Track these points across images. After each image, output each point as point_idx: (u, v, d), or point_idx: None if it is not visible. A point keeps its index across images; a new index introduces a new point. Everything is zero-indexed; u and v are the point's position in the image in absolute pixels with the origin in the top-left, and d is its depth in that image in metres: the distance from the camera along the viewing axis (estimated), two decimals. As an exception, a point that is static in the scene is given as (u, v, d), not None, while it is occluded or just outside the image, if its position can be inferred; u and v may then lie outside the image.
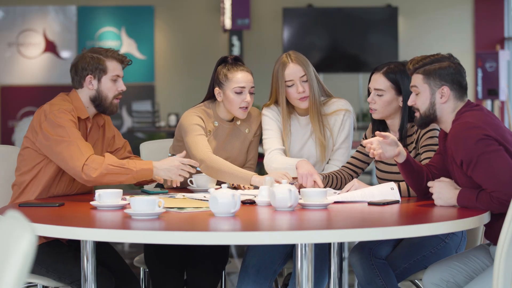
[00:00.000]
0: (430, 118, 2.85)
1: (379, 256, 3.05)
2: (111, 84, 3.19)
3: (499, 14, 9.82)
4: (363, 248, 3.05)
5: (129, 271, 3.14)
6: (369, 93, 3.24)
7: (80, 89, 3.20)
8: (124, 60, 3.24)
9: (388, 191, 2.91)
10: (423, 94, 2.84)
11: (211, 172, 3.26)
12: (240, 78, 3.39)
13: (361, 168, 3.34)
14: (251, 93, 3.43)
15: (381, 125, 3.27)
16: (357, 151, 3.36)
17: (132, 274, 3.15)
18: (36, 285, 3.07)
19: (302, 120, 3.48)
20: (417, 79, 2.86)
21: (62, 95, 3.22)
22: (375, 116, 3.21)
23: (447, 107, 2.82)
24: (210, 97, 3.50)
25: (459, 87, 2.82)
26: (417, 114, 2.89)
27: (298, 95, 3.39)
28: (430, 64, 2.83)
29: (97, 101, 3.19)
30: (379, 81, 3.17)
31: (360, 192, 2.94)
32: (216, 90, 3.44)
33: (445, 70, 2.82)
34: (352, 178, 3.31)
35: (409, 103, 2.90)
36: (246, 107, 3.41)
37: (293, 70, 3.40)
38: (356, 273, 3.07)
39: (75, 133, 3.05)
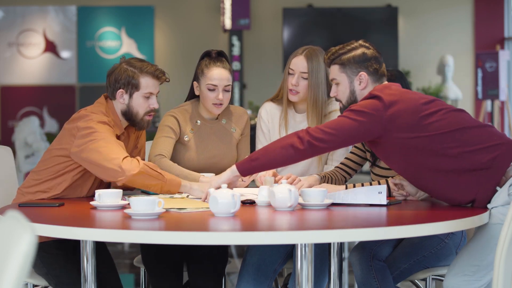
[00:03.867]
0: None
1: (379, 257, 3.05)
2: (142, 100, 3.11)
3: (499, 14, 9.82)
4: (364, 249, 3.05)
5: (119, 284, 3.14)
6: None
7: (113, 100, 3.14)
8: (160, 77, 3.14)
9: (375, 195, 2.81)
10: (342, 84, 2.89)
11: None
12: (214, 75, 3.38)
13: (354, 169, 3.33)
14: (226, 91, 3.40)
15: None
16: (351, 152, 3.35)
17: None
18: (26, 284, 3.06)
19: (297, 117, 3.50)
20: (334, 71, 2.91)
21: (102, 104, 3.13)
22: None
23: (367, 92, 2.86)
24: (194, 94, 3.50)
25: (376, 71, 2.87)
26: (340, 105, 2.94)
27: (291, 85, 3.41)
28: (344, 54, 2.88)
29: (128, 115, 3.13)
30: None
31: (342, 194, 2.85)
32: (195, 84, 3.45)
33: (359, 57, 2.86)
34: (346, 179, 3.31)
35: (331, 94, 2.97)
36: (220, 104, 3.39)
37: (298, 62, 3.41)
38: (355, 272, 3.08)
39: (112, 136, 3.00)
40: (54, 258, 2.96)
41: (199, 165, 3.39)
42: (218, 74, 3.38)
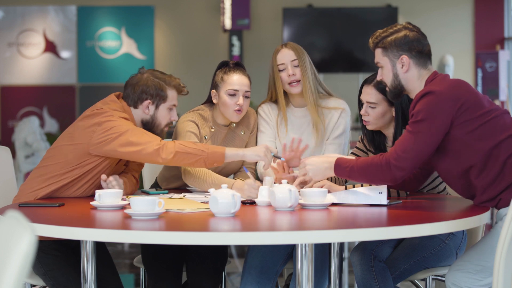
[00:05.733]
0: (398, 89, 2.87)
1: (380, 258, 3.04)
2: (166, 112, 3.17)
3: (499, 14, 9.82)
4: (365, 249, 3.05)
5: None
6: (360, 104, 3.22)
7: (133, 109, 3.17)
8: (182, 91, 3.22)
9: (376, 195, 2.82)
10: (385, 67, 2.87)
11: (194, 182, 3.28)
12: (234, 80, 3.37)
13: None
14: (245, 97, 3.40)
15: (376, 133, 3.26)
16: (352, 153, 3.34)
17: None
18: (24, 284, 3.06)
19: (297, 112, 3.49)
20: (377, 54, 2.89)
21: (116, 103, 3.14)
22: (370, 127, 3.19)
23: (411, 75, 2.84)
24: (210, 100, 3.49)
25: (419, 54, 2.84)
26: (387, 89, 2.92)
27: (289, 78, 3.41)
28: (387, 37, 2.86)
29: (149, 126, 3.17)
30: (371, 94, 3.16)
31: (343, 194, 2.86)
32: (213, 92, 3.43)
33: (401, 39, 2.84)
34: (347, 180, 3.30)
35: (378, 78, 2.93)
36: (240, 110, 3.38)
37: (285, 54, 3.43)
38: (355, 273, 3.08)
39: (136, 126, 3.04)
40: (52, 259, 2.96)
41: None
42: (238, 80, 3.38)
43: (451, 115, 2.67)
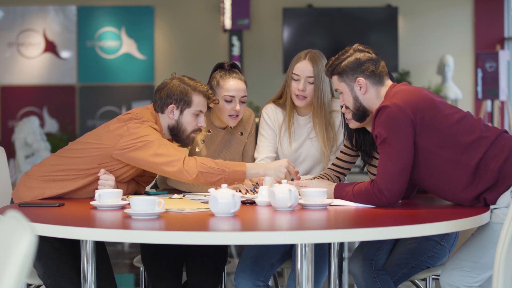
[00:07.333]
0: (361, 111, 2.92)
1: (380, 267, 3.05)
2: (192, 118, 3.16)
3: (499, 14, 9.82)
4: (365, 260, 3.05)
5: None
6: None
7: (160, 114, 3.18)
8: (211, 98, 3.21)
9: None
10: (344, 92, 2.93)
11: (185, 186, 3.31)
12: (231, 86, 3.35)
13: (347, 168, 3.32)
14: (242, 102, 3.39)
15: (359, 134, 3.22)
16: (341, 152, 3.33)
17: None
18: None
19: (300, 120, 3.47)
20: (335, 81, 2.96)
21: (149, 110, 3.16)
22: (352, 126, 3.13)
23: (370, 95, 2.89)
24: None
25: (373, 73, 2.88)
26: (349, 112, 2.96)
27: (297, 91, 3.38)
28: (340, 63, 2.91)
29: (175, 131, 3.17)
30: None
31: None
32: None
33: (353, 63, 2.89)
34: (340, 180, 3.31)
35: (340, 103, 2.99)
36: (236, 115, 3.38)
37: (303, 67, 3.38)
38: (358, 285, 3.07)
39: (164, 139, 3.03)
40: (51, 255, 2.95)
41: None
42: (235, 85, 3.36)
43: (410, 120, 2.70)
